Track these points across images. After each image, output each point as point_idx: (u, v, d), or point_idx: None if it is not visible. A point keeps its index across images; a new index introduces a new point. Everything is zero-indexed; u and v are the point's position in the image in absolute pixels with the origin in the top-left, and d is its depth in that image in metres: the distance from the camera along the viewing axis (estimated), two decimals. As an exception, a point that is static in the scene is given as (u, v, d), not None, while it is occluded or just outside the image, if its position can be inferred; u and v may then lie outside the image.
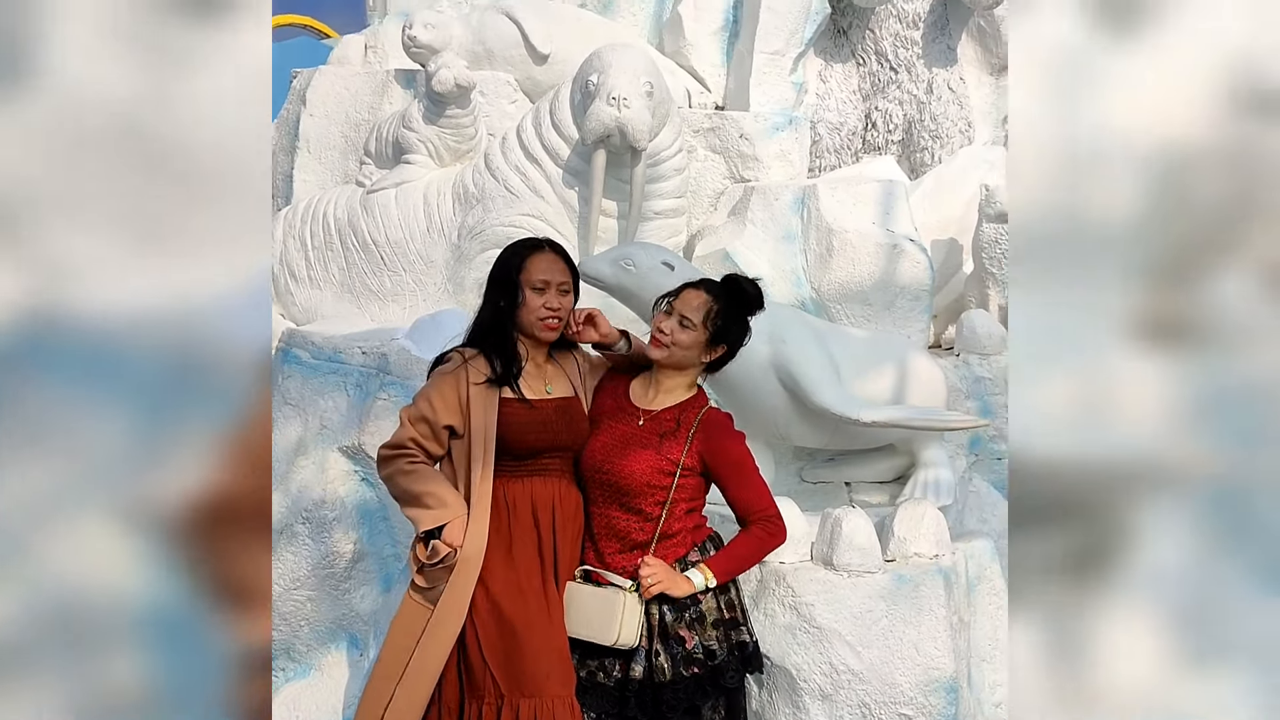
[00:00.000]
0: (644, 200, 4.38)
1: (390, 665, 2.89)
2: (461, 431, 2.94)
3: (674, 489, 2.95)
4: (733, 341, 3.06)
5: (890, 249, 4.35)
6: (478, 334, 3.04)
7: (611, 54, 4.27)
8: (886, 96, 5.42)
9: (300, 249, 4.78)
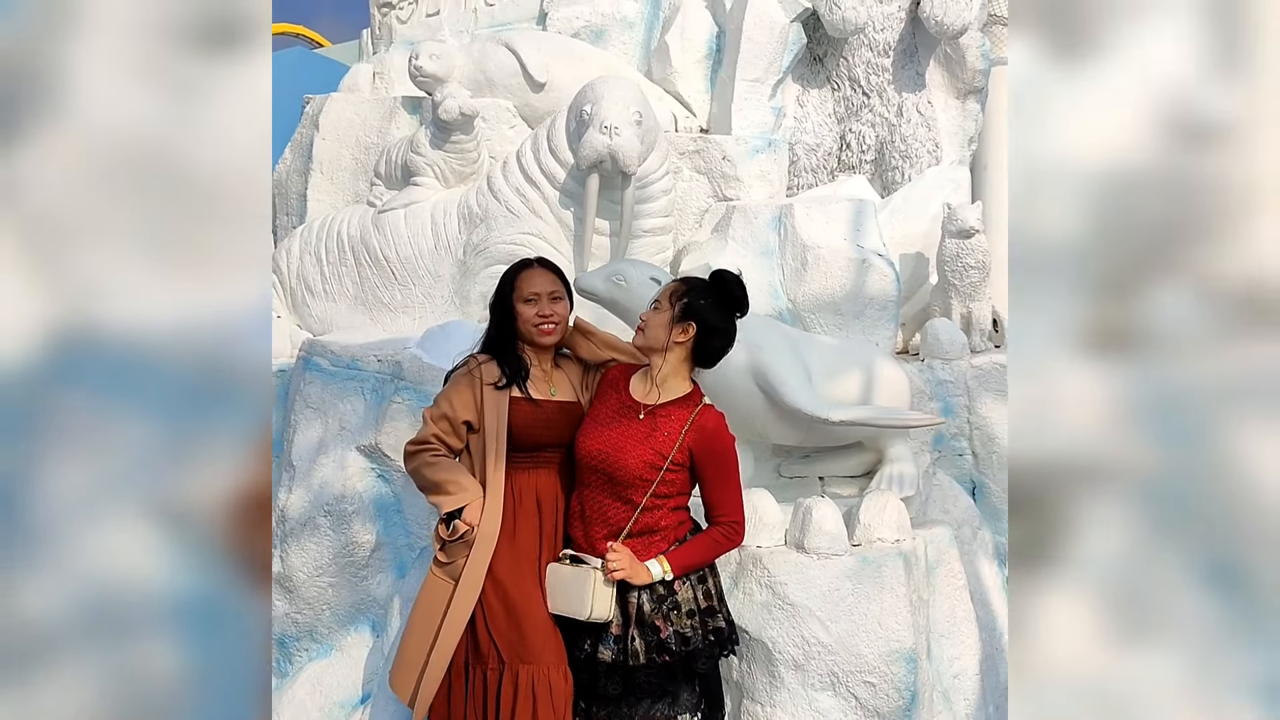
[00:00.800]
0: (634, 219, 4.58)
1: (420, 635, 3.22)
2: (478, 427, 3.29)
3: (658, 481, 3.13)
4: (704, 320, 3.18)
5: (860, 263, 4.53)
6: (488, 345, 3.42)
7: (604, 86, 4.48)
8: (860, 119, 5.61)
9: (316, 264, 5.02)
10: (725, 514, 3.23)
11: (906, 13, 5.58)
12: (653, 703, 3.17)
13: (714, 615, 3.22)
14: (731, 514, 3.24)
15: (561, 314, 3.43)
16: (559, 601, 3.17)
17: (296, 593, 4.13)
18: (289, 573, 4.13)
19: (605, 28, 5.50)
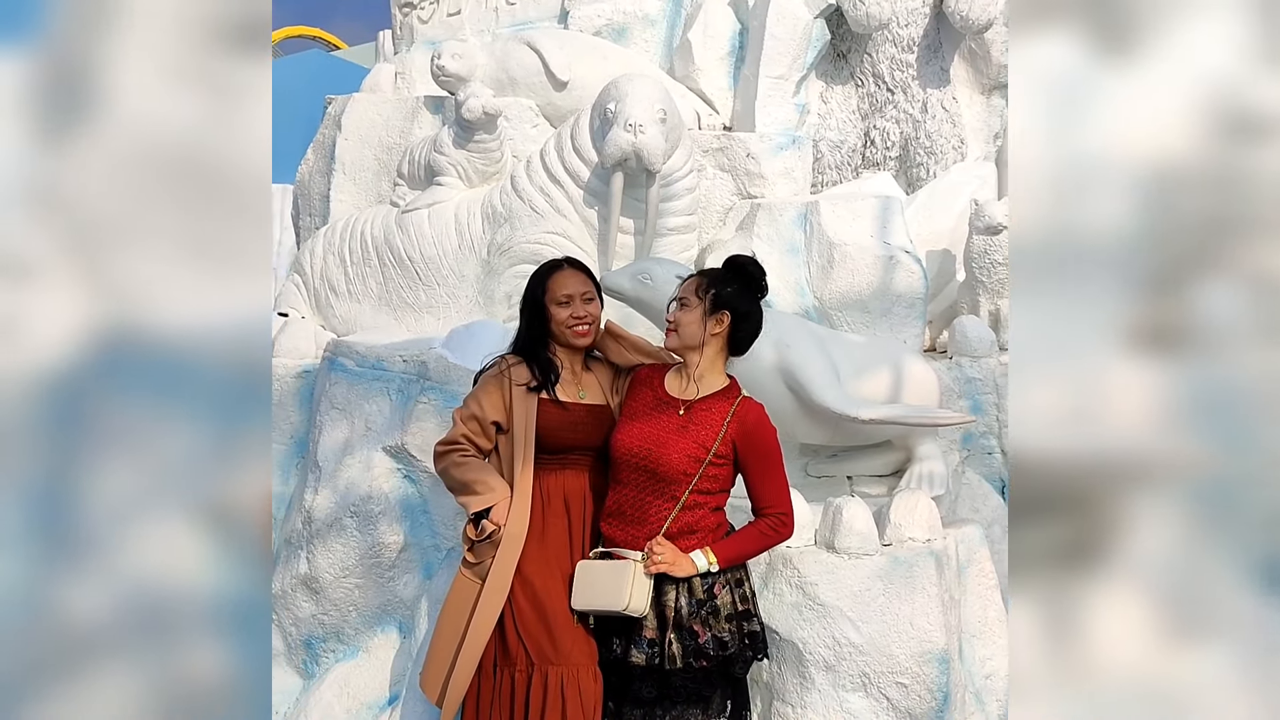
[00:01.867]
0: (658, 218, 4.56)
1: (448, 635, 3.22)
2: (506, 428, 3.28)
3: (700, 476, 3.09)
4: (735, 307, 3.18)
5: (887, 260, 4.52)
6: (519, 346, 3.40)
7: (628, 84, 4.46)
8: (884, 116, 5.60)
9: (340, 265, 5.01)
10: (772, 505, 3.19)
11: (931, 8, 5.56)
12: (686, 707, 3.14)
13: (749, 619, 3.18)
14: (779, 505, 3.20)
15: (594, 315, 3.41)
16: (591, 596, 3.11)
17: (323, 594, 4.13)
18: (315, 574, 4.13)
19: (627, 25, 5.50)
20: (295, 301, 5.18)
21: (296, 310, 5.14)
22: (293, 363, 4.72)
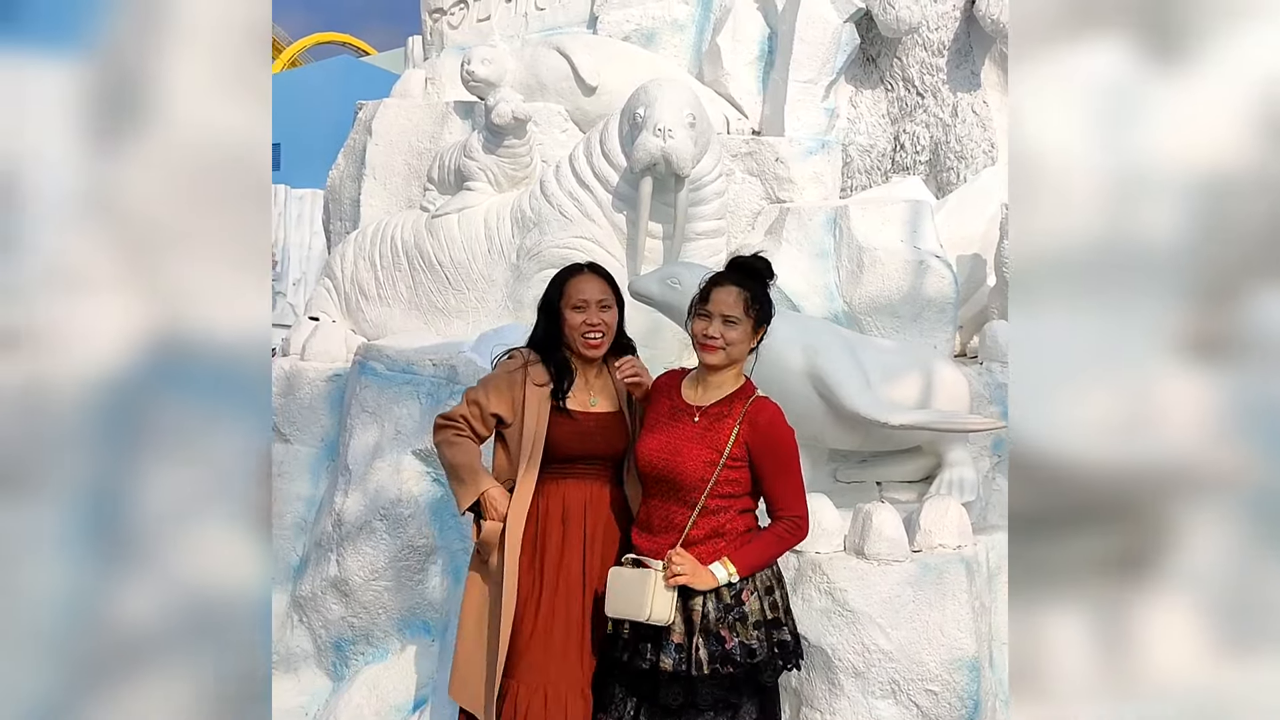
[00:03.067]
0: (687, 222, 4.55)
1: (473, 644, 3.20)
2: (510, 422, 3.24)
3: (715, 480, 3.05)
4: (770, 318, 3.18)
5: (917, 265, 4.50)
6: (536, 346, 3.35)
7: (657, 88, 4.45)
8: (914, 120, 5.58)
9: (370, 269, 5.04)
10: (786, 508, 3.13)
11: (961, 11, 5.54)
12: (714, 715, 3.10)
13: (779, 627, 3.14)
14: (793, 508, 3.13)
15: (610, 323, 3.33)
16: (619, 604, 3.09)
17: (353, 596, 4.16)
18: (345, 576, 4.16)
19: (656, 30, 5.50)
20: (326, 305, 5.21)
21: (327, 314, 5.18)
22: (323, 366, 4.76)
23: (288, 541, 4.54)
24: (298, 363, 4.85)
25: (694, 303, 3.17)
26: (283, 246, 28.23)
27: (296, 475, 4.65)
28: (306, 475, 4.64)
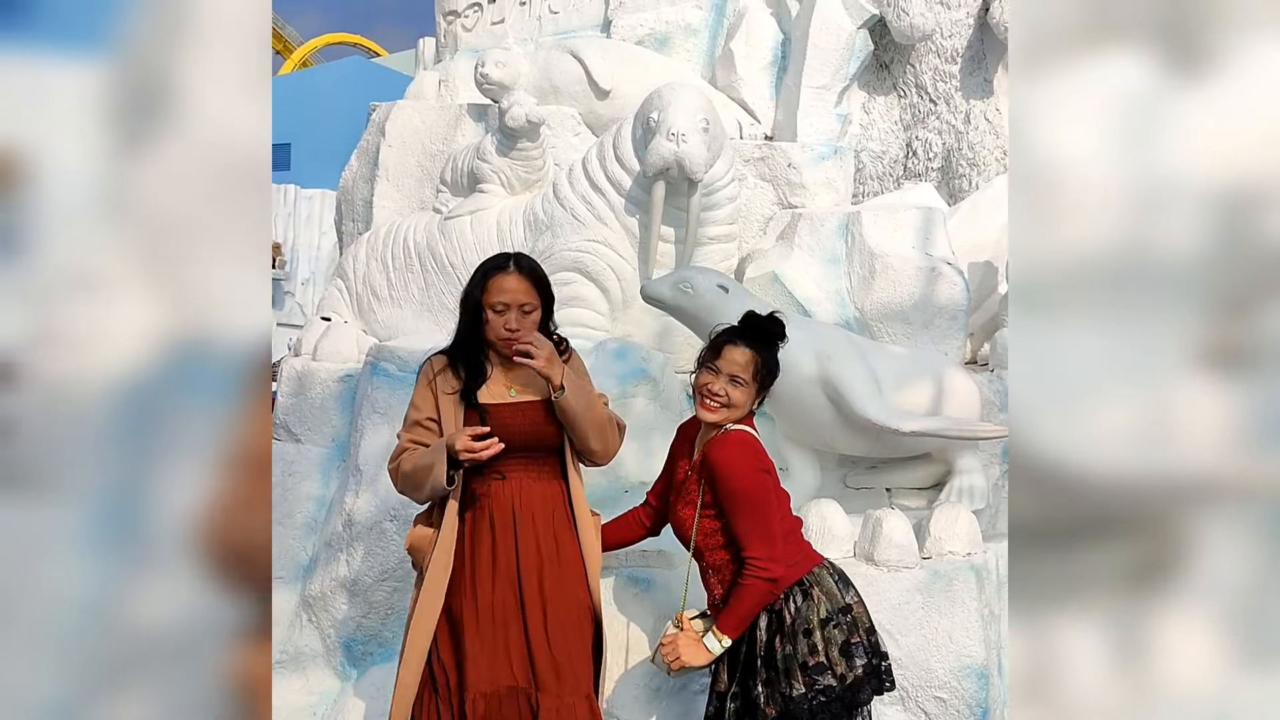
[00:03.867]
0: (699, 227, 4.56)
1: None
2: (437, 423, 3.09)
3: (695, 534, 2.96)
4: (773, 381, 3.10)
5: (929, 271, 4.51)
6: (452, 345, 3.20)
7: (670, 93, 4.47)
8: (926, 127, 5.59)
9: (382, 270, 5.05)
10: (746, 548, 2.92)
11: (975, 19, 5.54)
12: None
13: (823, 672, 2.92)
14: (752, 548, 2.91)
15: (529, 328, 3.10)
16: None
17: (362, 597, 4.16)
18: (355, 577, 4.16)
19: (670, 35, 5.51)
20: (338, 306, 5.23)
21: (339, 315, 5.19)
22: (335, 367, 4.77)
23: (298, 541, 4.55)
24: (309, 363, 4.86)
25: (703, 355, 3.07)
26: (292, 246, 28.32)
27: (307, 475, 4.66)
28: (317, 475, 4.65)
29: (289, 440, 4.83)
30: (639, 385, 4.18)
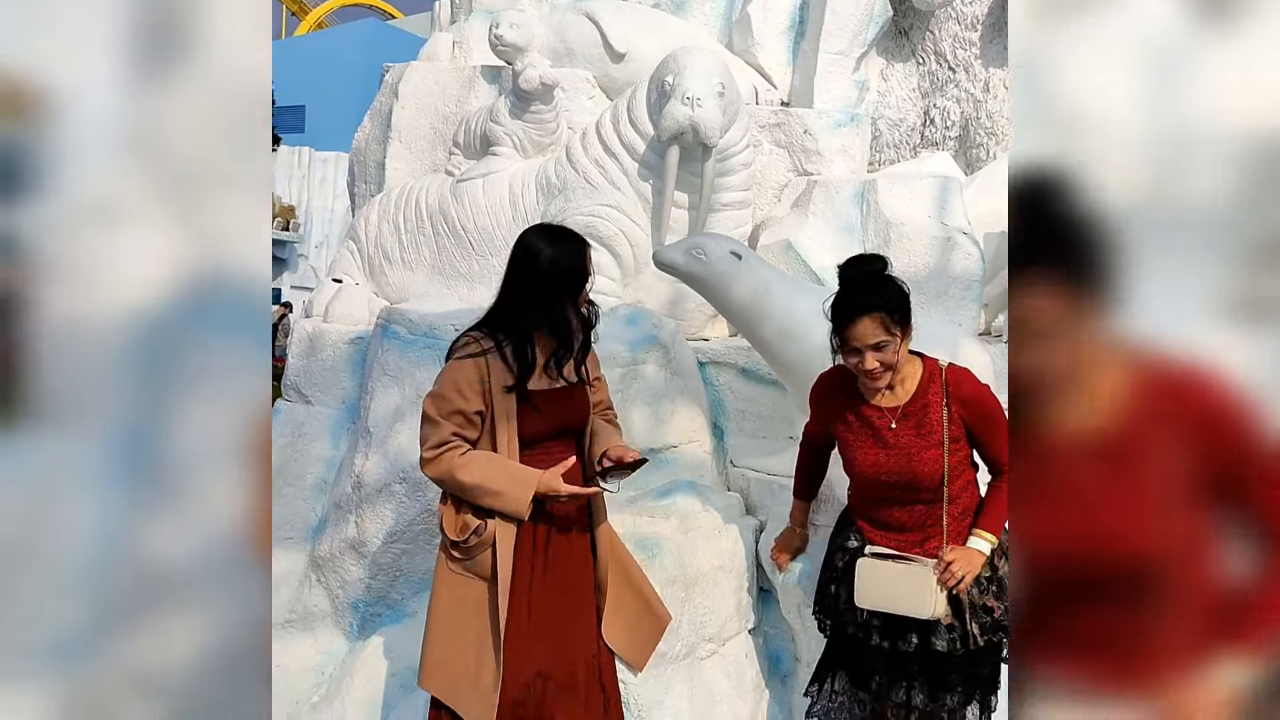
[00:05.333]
0: (713, 193, 4.52)
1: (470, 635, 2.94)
2: (487, 415, 2.90)
3: (948, 471, 2.95)
4: (910, 311, 2.99)
5: (944, 241, 4.47)
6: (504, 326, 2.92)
7: (686, 56, 4.43)
8: (945, 95, 5.51)
9: (394, 233, 5.04)
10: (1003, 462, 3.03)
11: (996, -15, 5.46)
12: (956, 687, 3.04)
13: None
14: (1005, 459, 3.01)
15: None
16: (887, 599, 2.98)
17: (371, 559, 4.17)
18: (364, 538, 4.17)
19: (686, -2, 5.45)
20: (349, 268, 5.21)
21: (350, 277, 5.18)
22: (345, 329, 4.76)
23: (307, 502, 4.56)
24: (320, 324, 4.86)
25: (833, 341, 3.00)
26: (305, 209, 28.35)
27: (317, 436, 4.66)
28: (327, 436, 4.66)
29: (299, 401, 4.83)
30: (650, 351, 4.16)
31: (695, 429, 4.29)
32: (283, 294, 25.71)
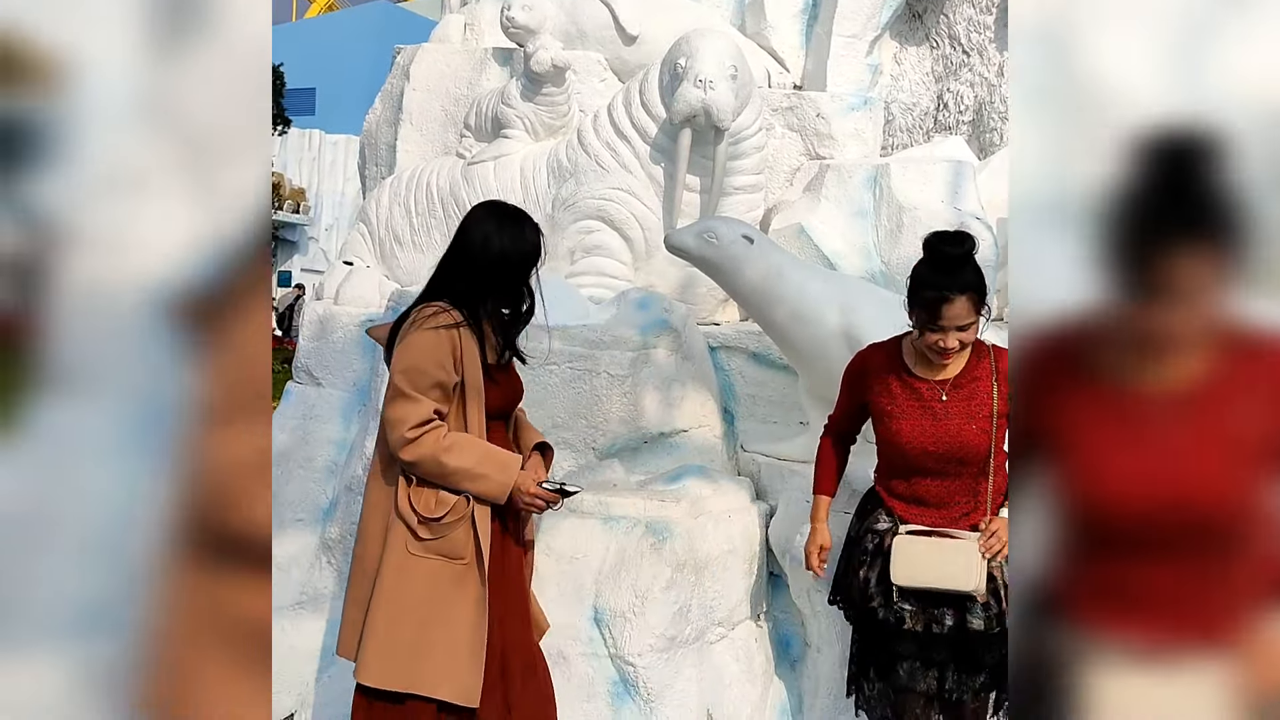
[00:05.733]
0: (725, 176, 4.50)
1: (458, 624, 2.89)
2: (457, 389, 2.88)
3: (995, 445, 2.96)
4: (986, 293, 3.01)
5: (957, 226, 4.42)
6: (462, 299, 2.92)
7: (699, 39, 4.40)
8: (958, 79, 5.48)
9: (405, 215, 5.02)
10: None
11: (1012, -32, 5.42)
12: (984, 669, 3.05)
13: None
14: None
15: None
16: (929, 575, 2.96)
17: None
18: (374, 521, 4.18)
19: (699, -20, 5.41)
20: (360, 251, 5.21)
21: (361, 259, 5.18)
22: (356, 311, 4.76)
23: (318, 484, 4.57)
24: (331, 307, 4.86)
25: (918, 317, 2.99)
26: (316, 192, 28.39)
27: (328, 418, 4.67)
28: (338, 418, 4.67)
29: (310, 384, 4.84)
30: (661, 336, 4.16)
31: (706, 414, 4.28)
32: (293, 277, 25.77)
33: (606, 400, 4.01)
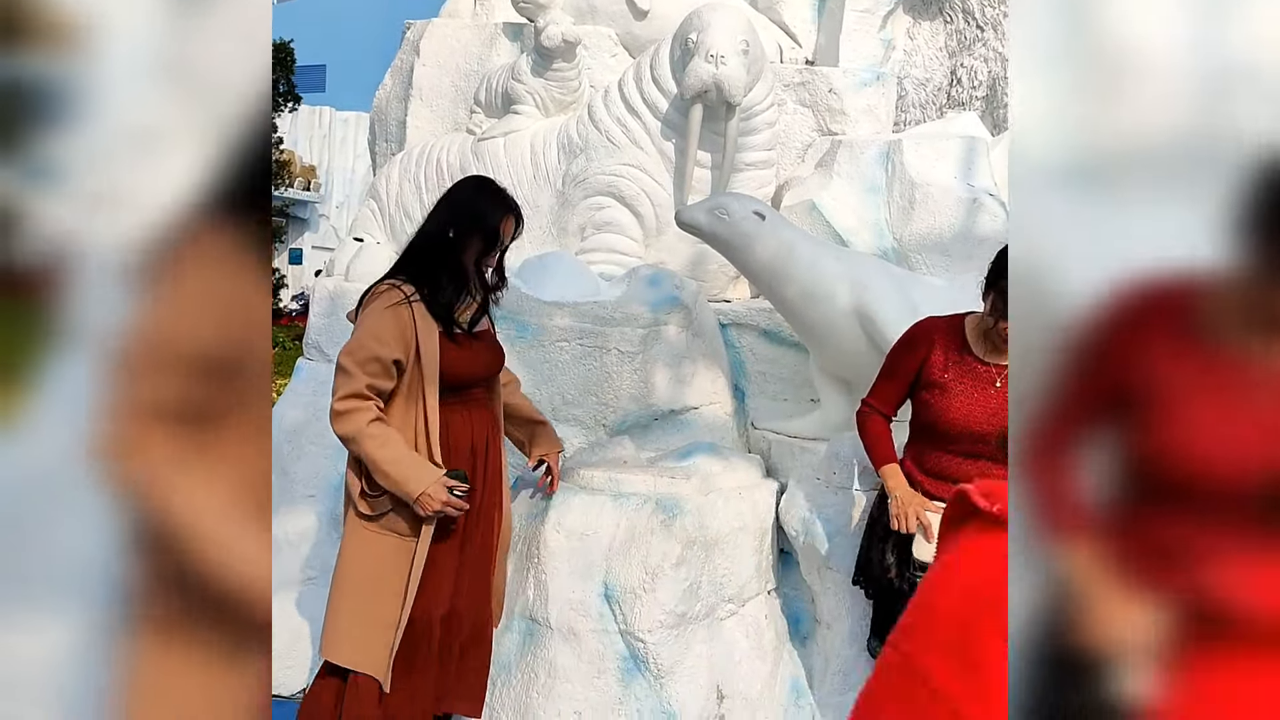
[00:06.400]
0: (736, 152, 4.48)
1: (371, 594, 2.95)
2: (407, 365, 2.89)
3: None
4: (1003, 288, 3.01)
5: (970, 203, 4.42)
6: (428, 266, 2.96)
7: (710, 13, 4.37)
8: (972, 54, 5.42)
9: (415, 192, 5.01)
10: None
11: (1027, -59, 5.35)
12: None
13: None
14: None
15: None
16: None
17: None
18: (385, 497, 4.18)
19: (711, -46, 5.36)
20: (370, 227, 5.20)
21: (371, 236, 5.17)
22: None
23: (329, 460, 4.57)
24: (341, 283, 4.85)
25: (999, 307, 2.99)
26: (326, 169, 28.36)
27: (338, 395, 4.67)
28: (348, 395, 4.66)
29: (321, 360, 4.84)
30: (671, 313, 4.14)
31: (716, 390, 4.27)
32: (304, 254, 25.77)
33: (617, 377, 4.01)
